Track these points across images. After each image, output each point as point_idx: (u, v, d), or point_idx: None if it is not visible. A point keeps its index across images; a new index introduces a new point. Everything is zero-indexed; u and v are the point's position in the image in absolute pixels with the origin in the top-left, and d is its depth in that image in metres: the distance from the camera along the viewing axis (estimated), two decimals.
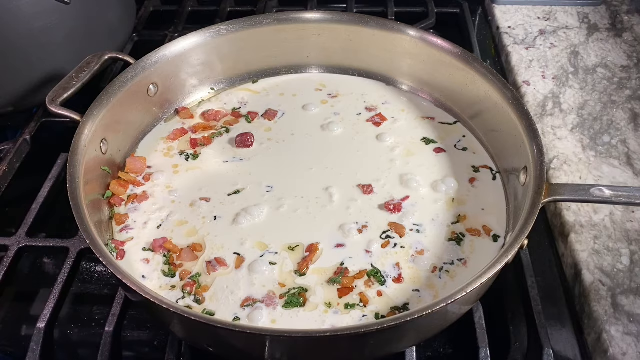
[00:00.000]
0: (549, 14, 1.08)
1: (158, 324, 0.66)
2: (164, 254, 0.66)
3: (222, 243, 0.67)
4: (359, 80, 0.90)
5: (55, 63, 0.85)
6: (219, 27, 0.84)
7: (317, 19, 0.87)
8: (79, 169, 0.65)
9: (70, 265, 0.68)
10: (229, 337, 0.54)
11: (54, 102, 0.70)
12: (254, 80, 0.90)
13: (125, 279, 0.54)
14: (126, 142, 0.78)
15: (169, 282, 0.64)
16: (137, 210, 0.71)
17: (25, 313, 0.70)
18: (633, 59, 0.97)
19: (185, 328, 0.58)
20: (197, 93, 0.87)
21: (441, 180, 0.73)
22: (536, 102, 0.89)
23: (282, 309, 0.61)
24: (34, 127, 0.86)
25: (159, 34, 1.06)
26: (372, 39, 0.86)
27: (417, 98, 0.86)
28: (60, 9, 0.83)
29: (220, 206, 0.71)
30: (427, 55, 0.83)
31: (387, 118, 0.83)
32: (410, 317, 0.50)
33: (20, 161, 0.83)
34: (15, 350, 0.66)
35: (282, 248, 0.66)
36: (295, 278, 0.64)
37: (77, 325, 0.68)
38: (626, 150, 0.81)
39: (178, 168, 0.77)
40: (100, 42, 0.90)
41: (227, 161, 0.78)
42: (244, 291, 0.62)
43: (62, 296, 0.66)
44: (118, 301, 0.64)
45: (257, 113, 0.85)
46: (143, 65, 0.78)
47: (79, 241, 0.70)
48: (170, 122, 0.83)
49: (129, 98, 0.76)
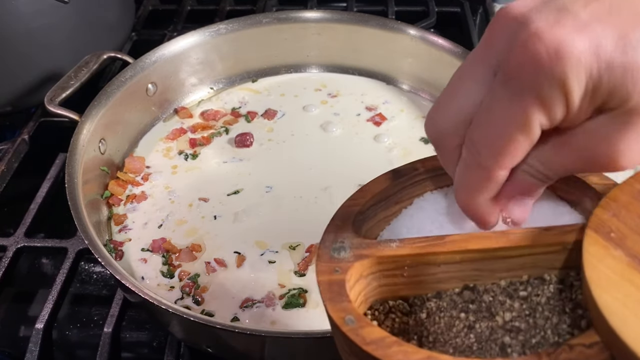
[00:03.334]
0: None
1: (157, 325, 0.66)
2: (163, 255, 0.66)
3: (222, 242, 0.67)
4: (359, 79, 0.89)
5: (54, 62, 0.84)
6: (218, 26, 0.84)
7: (317, 18, 0.87)
8: (77, 169, 0.65)
9: (68, 266, 0.68)
10: (229, 338, 0.54)
11: (52, 102, 0.70)
12: (253, 79, 0.90)
13: (124, 280, 0.53)
14: (125, 142, 0.78)
15: (168, 283, 0.63)
16: (136, 210, 0.71)
17: (23, 314, 0.70)
18: None
19: (184, 329, 0.57)
20: (197, 92, 0.87)
21: None
22: None
23: (282, 309, 0.60)
24: (33, 126, 0.86)
25: (157, 33, 1.05)
26: (372, 38, 0.86)
27: (418, 97, 0.86)
28: (59, 8, 0.82)
29: (219, 206, 0.71)
30: (427, 55, 0.83)
31: (387, 117, 0.83)
32: None
33: (19, 161, 0.82)
34: (13, 351, 0.66)
35: (282, 247, 0.66)
36: (295, 278, 0.63)
37: (76, 326, 0.68)
38: None
39: (177, 168, 0.76)
40: (99, 41, 0.90)
41: (227, 161, 0.77)
42: (243, 292, 0.62)
43: (60, 297, 0.65)
44: (117, 302, 0.64)
45: (256, 113, 0.84)
46: (142, 64, 0.77)
47: (77, 241, 0.69)
48: (169, 121, 0.83)
49: (127, 97, 0.75)
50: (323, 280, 0.33)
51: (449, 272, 0.34)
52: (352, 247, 0.35)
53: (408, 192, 0.39)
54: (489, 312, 0.32)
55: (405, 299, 0.35)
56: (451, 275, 0.34)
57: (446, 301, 0.34)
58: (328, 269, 0.34)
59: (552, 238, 0.33)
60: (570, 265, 0.33)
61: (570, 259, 0.33)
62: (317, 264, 0.34)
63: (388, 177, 0.39)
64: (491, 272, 0.34)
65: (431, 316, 0.34)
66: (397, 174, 0.39)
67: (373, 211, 0.39)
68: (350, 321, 0.31)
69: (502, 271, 0.34)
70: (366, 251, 0.35)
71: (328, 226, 0.37)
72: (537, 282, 0.33)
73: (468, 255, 0.33)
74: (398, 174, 0.39)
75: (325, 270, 0.34)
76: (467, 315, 0.33)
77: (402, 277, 0.35)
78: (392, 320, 0.34)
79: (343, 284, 0.33)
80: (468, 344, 0.31)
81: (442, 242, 0.34)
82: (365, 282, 0.35)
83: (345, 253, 0.35)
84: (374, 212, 0.39)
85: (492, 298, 0.33)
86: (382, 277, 0.35)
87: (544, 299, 0.32)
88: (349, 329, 0.30)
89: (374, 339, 0.30)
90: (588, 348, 0.28)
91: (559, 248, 0.33)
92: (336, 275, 0.33)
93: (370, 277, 0.35)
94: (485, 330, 0.32)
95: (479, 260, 0.33)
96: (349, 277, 0.33)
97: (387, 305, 0.35)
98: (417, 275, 0.34)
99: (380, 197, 0.39)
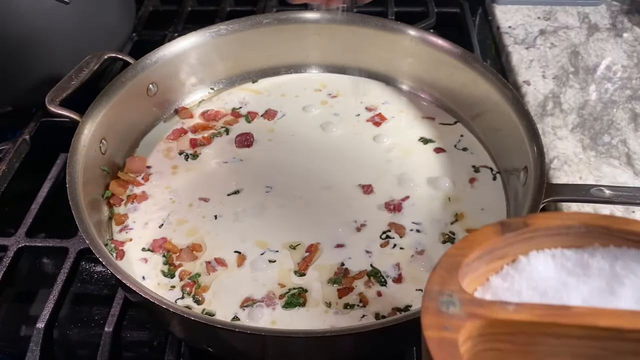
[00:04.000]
0: (549, 14, 1.08)
1: (157, 325, 0.66)
2: (164, 254, 0.66)
3: (222, 242, 0.67)
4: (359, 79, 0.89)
5: (55, 63, 0.84)
6: (219, 27, 0.84)
7: (317, 19, 0.87)
8: (78, 169, 0.65)
9: (69, 266, 0.68)
10: (229, 338, 0.54)
11: (53, 102, 0.70)
12: (253, 80, 0.90)
13: (125, 279, 0.54)
14: (126, 142, 0.78)
15: (169, 283, 0.64)
16: (137, 210, 0.71)
17: (24, 313, 0.70)
18: (633, 58, 0.97)
19: (184, 328, 0.57)
20: (197, 93, 0.87)
21: (441, 180, 0.73)
22: (536, 102, 0.89)
23: (282, 309, 0.61)
24: (34, 127, 0.86)
25: (158, 33, 1.06)
26: (372, 38, 0.86)
27: (417, 98, 0.86)
28: (60, 8, 0.83)
29: (220, 206, 0.71)
30: (427, 55, 0.83)
31: (386, 118, 0.83)
32: (411, 317, 0.50)
33: (20, 161, 0.82)
34: (14, 351, 0.66)
35: (282, 247, 0.66)
36: (295, 278, 0.63)
37: (77, 326, 0.68)
38: (626, 150, 0.80)
39: (177, 168, 0.76)
40: (100, 41, 0.90)
41: (227, 161, 0.78)
42: (243, 291, 0.62)
43: (61, 296, 0.66)
44: (117, 301, 0.64)
45: (257, 113, 0.84)
46: (142, 65, 0.78)
47: (78, 241, 0.70)
48: (170, 122, 0.83)
49: (128, 98, 0.75)
50: (432, 337, 0.30)
51: (566, 346, 0.31)
52: (463, 303, 0.32)
53: (514, 248, 0.36)
54: None
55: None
56: (568, 350, 0.31)
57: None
58: (437, 324, 0.31)
59: None
60: None
61: None
62: (424, 316, 0.31)
63: (496, 231, 0.36)
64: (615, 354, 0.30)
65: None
66: (506, 228, 0.36)
67: (476, 264, 0.36)
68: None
69: (629, 354, 0.30)
70: (479, 310, 0.31)
71: (432, 275, 0.34)
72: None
73: (594, 332, 0.30)
74: (507, 228, 0.36)
75: (434, 325, 0.31)
76: None
77: (512, 344, 0.32)
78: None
79: (456, 345, 0.30)
80: None
81: (567, 313, 0.30)
82: (472, 343, 0.32)
83: (455, 309, 0.31)
84: (477, 264, 0.36)
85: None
86: (490, 340, 0.32)
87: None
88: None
89: None
90: None
91: None
92: (447, 334, 0.30)
93: (477, 339, 0.32)
94: None
95: (604, 339, 0.30)
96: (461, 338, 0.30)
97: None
98: (529, 345, 0.31)
99: (486, 250, 0.36)
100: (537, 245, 0.36)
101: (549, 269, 0.35)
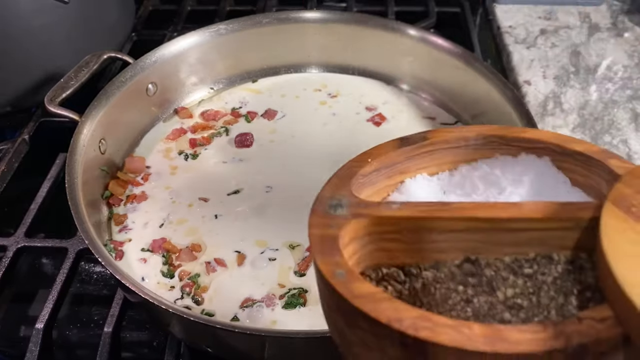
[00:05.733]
0: (550, 14, 1.08)
1: (157, 325, 0.66)
2: (163, 254, 0.66)
3: (222, 241, 0.67)
4: (359, 79, 0.89)
5: (54, 62, 0.84)
6: (218, 27, 0.84)
7: (317, 19, 0.87)
8: (77, 169, 0.65)
9: (69, 266, 0.68)
10: (229, 338, 0.54)
11: (52, 102, 0.70)
12: (253, 79, 0.89)
13: (124, 280, 0.53)
14: (125, 142, 0.78)
15: (168, 283, 0.63)
16: (136, 210, 0.71)
17: (23, 314, 0.70)
18: (634, 58, 0.97)
19: (184, 329, 0.57)
20: (197, 93, 0.86)
21: None
22: (537, 102, 0.89)
23: (282, 309, 0.60)
24: (33, 126, 0.86)
25: (158, 33, 1.06)
26: (372, 38, 0.86)
27: (417, 98, 0.86)
28: (59, 8, 0.82)
29: (220, 205, 0.71)
30: (427, 55, 0.83)
31: (387, 118, 0.83)
32: None
33: (19, 161, 0.82)
34: (13, 351, 0.66)
35: (282, 247, 0.66)
36: (295, 278, 0.63)
37: (76, 326, 0.68)
38: (627, 150, 0.80)
39: (177, 168, 0.76)
40: (99, 41, 0.90)
41: (227, 161, 0.77)
42: (243, 291, 0.62)
43: (60, 297, 0.65)
44: (117, 302, 0.64)
45: (256, 113, 0.84)
46: (142, 64, 0.77)
47: (77, 241, 0.70)
48: (169, 121, 0.83)
49: (127, 98, 0.75)
50: (315, 234, 0.31)
51: (450, 241, 0.32)
52: (350, 205, 0.33)
53: (414, 164, 0.37)
54: (490, 287, 0.31)
55: (400, 267, 0.33)
56: (452, 245, 0.32)
57: (444, 272, 0.32)
58: (322, 223, 0.32)
59: (566, 213, 0.31)
60: (582, 246, 0.31)
61: (583, 239, 0.31)
62: (310, 218, 0.32)
63: (395, 145, 0.37)
64: (496, 246, 0.32)
65: (427, 287, 0.32)
66: (404, 142, 0.37)
67: (375, 177, 0.36)
68: (340, 275, 0.29)
69: (508, 245, 0.32)
70: (364, 210, 0.32)
71: (326, 183, 0.35)
72: (544, 261, 0.31)
73: (473, 224, 0.31)
74: (406, 142, 0.36)
75: (319, 224, 0.32)
76: (465, 289, 0.31)
77: (400, 242, 0.33)
78: (385, 287, 0.32)
79: (336, 240, 0.31)
80: (464, 317, 0.30)
81: (447, 207, 0.32)
82: (360, 243, 0.32)
83: (342, 210, 0.32)
84: (376, 178, 0.36)
85: (494, 273, 0.31)
86: (378, 240, 0.33)
87: (550, 278, 0.30)
88: (338, 282, 0.29)
89: (363, 293, 0.28)
90: (599, 322, 0.26)
91: (572, 225, 0.31)
92: (330, 231, 0.31)
93: (366, 238, 0.33)
94: (484, 304, 0.30)
95: (485, 230, 0.31)
96: (344, 234, 0.31)
97: (380, 272, 0.33)
98: (416, 242, 0.32)
99: (384, 163, 0.36)
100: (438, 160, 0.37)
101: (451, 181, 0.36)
